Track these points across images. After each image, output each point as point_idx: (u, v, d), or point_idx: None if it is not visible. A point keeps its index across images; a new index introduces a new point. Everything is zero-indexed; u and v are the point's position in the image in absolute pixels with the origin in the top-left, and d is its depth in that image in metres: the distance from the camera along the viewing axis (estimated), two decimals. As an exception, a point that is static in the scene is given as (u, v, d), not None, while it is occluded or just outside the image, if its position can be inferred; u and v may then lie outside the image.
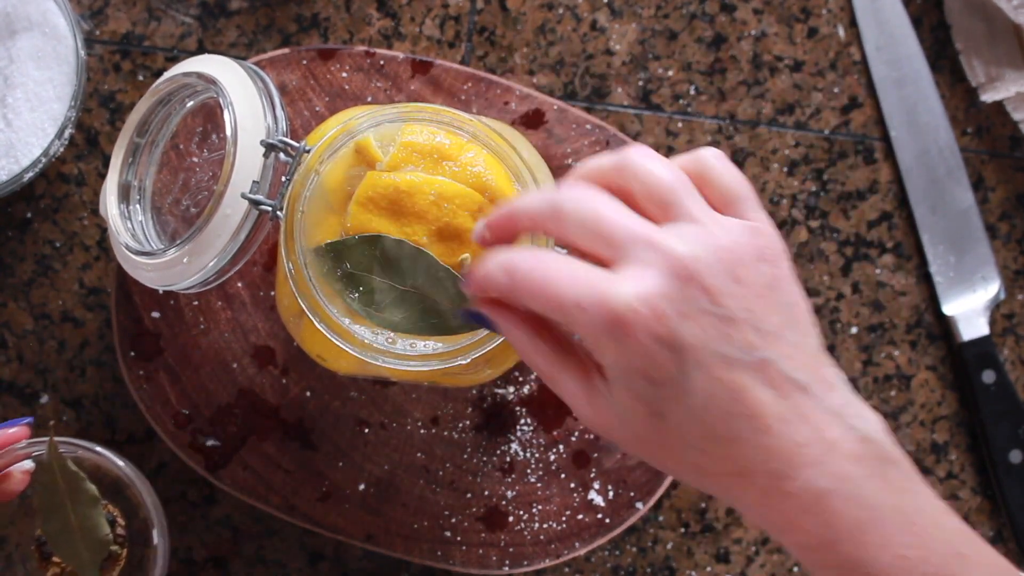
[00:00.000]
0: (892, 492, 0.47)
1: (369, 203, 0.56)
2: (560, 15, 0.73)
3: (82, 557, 0.59)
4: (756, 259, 0.47)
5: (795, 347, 0.47)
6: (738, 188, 0.49)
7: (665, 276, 0.45)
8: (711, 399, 0.46)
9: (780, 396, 0.46)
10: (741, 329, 0.46)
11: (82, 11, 0.72)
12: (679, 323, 0.45)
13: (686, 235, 0.46)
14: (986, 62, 0.73)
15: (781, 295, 0.47)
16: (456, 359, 0.55)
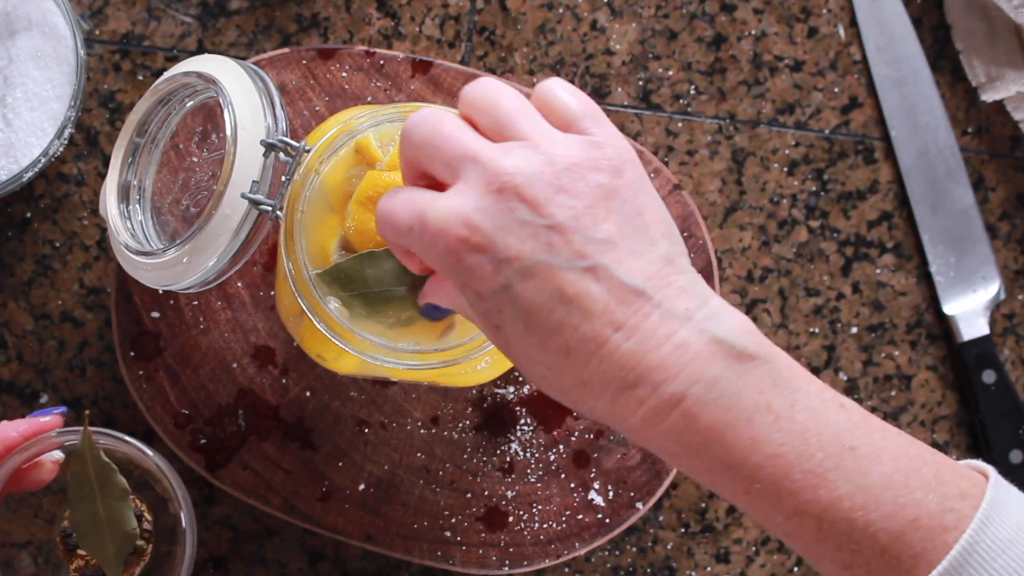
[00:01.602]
0: (757, 390, 0.45)
1: (369, 203, 0.56)
2: (560, 15, 0.73)
3: (107, 551, 0.59)
4: (589, 169, 0.46)
5: (634, 254, 0.46)
6: (577, 107, 0.49)
7: (483, 189, 0.46)
8: (539, 309, 0.46)
9: (614, 301, 0.45)
10: (568, 237, 0.45)
11: (82, 11, 0.72)
12: (495, 234, 0.45)
13: (512, 150, 0.46)
14: (986, 62, 0.73)
15: (619, 204, 0.47)
16: (456, 359, 0.55)
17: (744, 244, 0.73)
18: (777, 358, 0.47)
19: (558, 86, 0.49)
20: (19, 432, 0.54)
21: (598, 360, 0.46)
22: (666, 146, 0.73)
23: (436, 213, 0.46)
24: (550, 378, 0.47)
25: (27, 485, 0.56)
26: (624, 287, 0.45)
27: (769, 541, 0.73)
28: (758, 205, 0.73)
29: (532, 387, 0.71)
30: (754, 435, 0.45)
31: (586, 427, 0.71)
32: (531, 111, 0.48)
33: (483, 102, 0.48)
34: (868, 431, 0.46)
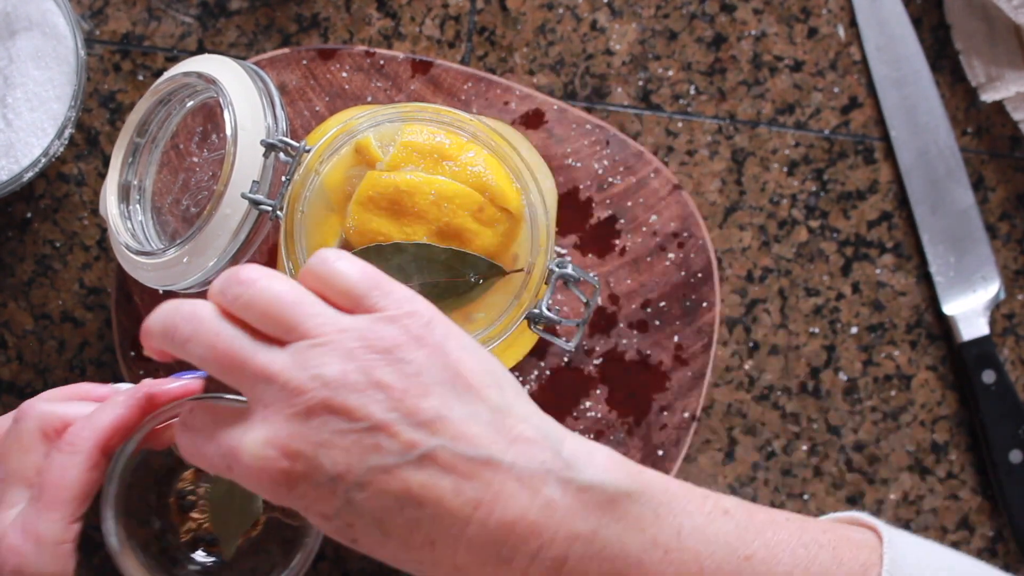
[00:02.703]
0: (639, 529, 0.44)
1: (369, 203, 0.56)
2: (560, 15, 0.73)
3: (230, 523, 0.59)
4: (393, 347, 0.44)
5: (468, 420, 0.43)
6: (359, 281, 0.45)
7: (289, 413, 0.43)
8: (387, 513, 0.43)
9: (463, 480, 0.43)
10: (392, 431, 0.43)
11: (82, 11, 0.72)
12: (318, 455, 0.43)
13: (306, 357, 0.43)
14: (986, 62, 0.73)
15: (435, 371, 0.44)
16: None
17: (744, 244, 0.73)
18: (651, 485, 0.45)
19: (332, 259, 0.46)
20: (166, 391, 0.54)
21: (466, 543, 0.43)
22: (666, 146, 0.73)
23: (249, 452, 0.43)
24: (426, 571, 0.45)
25: (156, 444, 0.56)
26: (469, 461, 0.43)
27: (769, 541, 0.73)
28: (758, 205, 0.73)
29: (532, 387, 0.71)
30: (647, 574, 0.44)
31: (586, 427, 0.71)
32: (309, 300, 0.45)
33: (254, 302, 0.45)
34: (759, 531, 0.45)
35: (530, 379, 0.71)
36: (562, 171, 0.70)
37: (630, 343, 0.70)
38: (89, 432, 0.51)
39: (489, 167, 0.56)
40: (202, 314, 0.45)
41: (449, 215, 0.55)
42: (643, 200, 0.71)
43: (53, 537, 0.50)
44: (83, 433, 0.51)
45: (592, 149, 0.71)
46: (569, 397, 0.71)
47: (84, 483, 0.50)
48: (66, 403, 0.53)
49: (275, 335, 0.45)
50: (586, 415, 0.71)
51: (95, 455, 0.51)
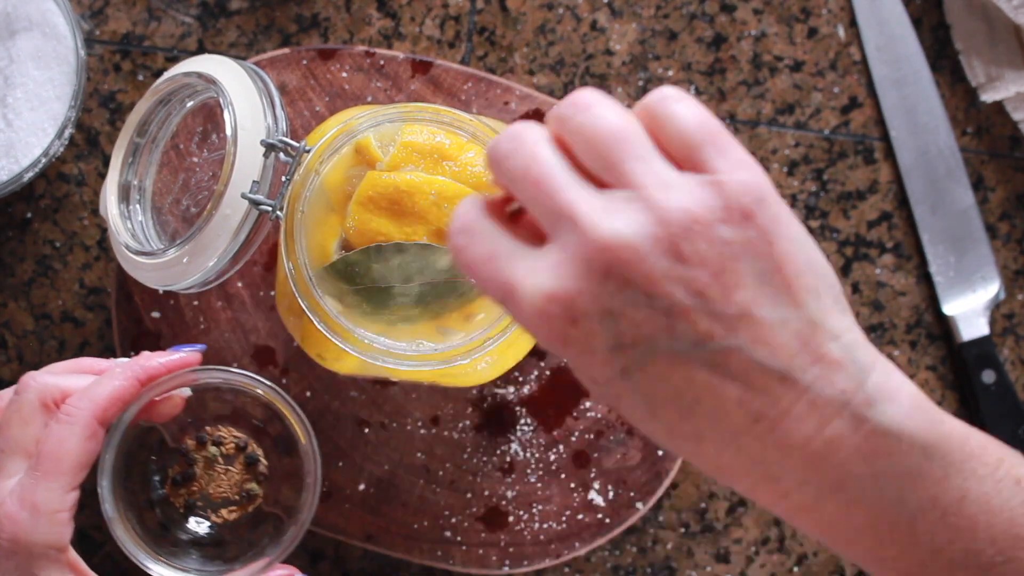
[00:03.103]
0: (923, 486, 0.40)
1: (369, 203, 0.56)
2: (560, 15, 0.73)
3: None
4: (712, 223, 0.38)
5: (775, 326, 0.38)
6: (696, 131, 0.40)
7: (584, 266, 0.38)
8: (661, 398, 0.39)
9: (752, 391, 0.39)
10: (690, 318, 0.38)
11: (82, 11, 0.72)
12: (604, 320, 0.38)
13: (618, 210, 0.38)
14: (986, 62, 0.73)
15: (754, 262, 0.38)
16: (456, 359, 0.55)
17: (744, 244, 0.73)
18: (948, 439, 0.40)
19: (672, 100, 0.40)
20: (162, 364, 0.55)
21: (735, 449, 0.40)
22: (666, 146, 0.73)
23: (531, 294, 0.38)
24: (683, 455, 0.41)
25: (155, 416, 0.57)
26: (764, 371, 0.38)
27: (769, 541, 0.73)
28: (758, 205, 0.73)
29: (532, 387, 0.71)
30: (915, 534, 0.40)
31: (586, 427, 0.71)
32: (639, 140, 0.40)
33: (583, 130, 0.40)
34: None
35: (530, 379, 0.71)
36: (562, 171, 0.70)
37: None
38: (87, 403, 0.52)
39: (489, 167, 0.56)
40: (527, 134, 0.40)
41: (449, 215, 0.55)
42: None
43: (49, 506, 0.50)
44: (81, 404, 0.52)
45: (592, 149, 0.71)
46: (569, 397, 0.71)
47: (81, 453, 0.51)
48: (66, 376, 0.54)
49: (597, 173, 0.40)
50: (586, 415, 0.71)
51: (92, 425, 0.51)
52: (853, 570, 0.74)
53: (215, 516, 0.61)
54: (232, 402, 0.62)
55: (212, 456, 0.61)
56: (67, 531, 0.51)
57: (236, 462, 0.62)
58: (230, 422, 0.62)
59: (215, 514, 0.61)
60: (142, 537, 0.56)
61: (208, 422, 0.62)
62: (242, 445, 0.62)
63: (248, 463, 0.62)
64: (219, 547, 0.60)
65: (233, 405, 0.62)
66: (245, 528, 0.62)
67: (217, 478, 0.62)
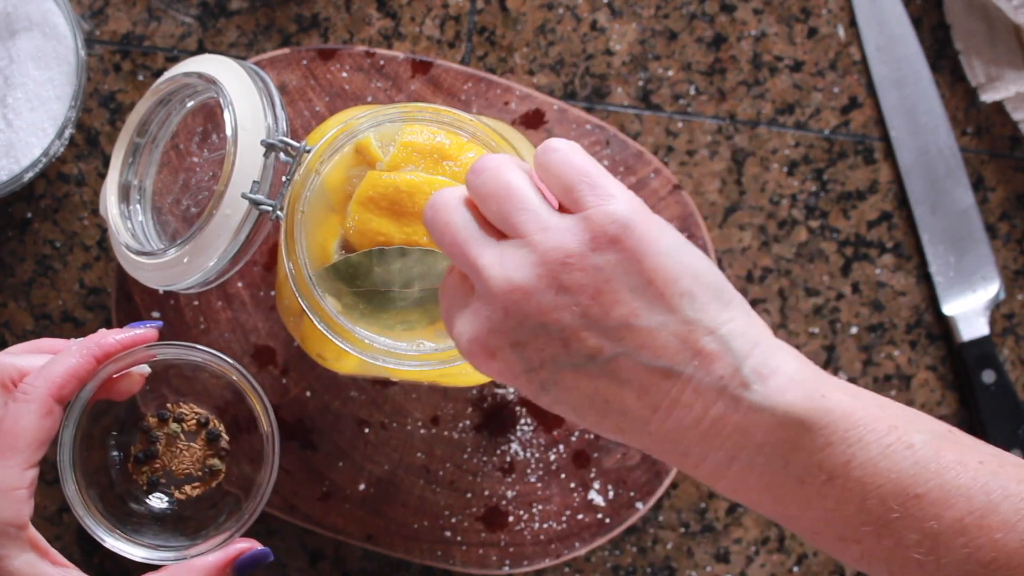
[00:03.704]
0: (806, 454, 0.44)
1: (369, 203, 0.56)
2: (560, 15, 0.73)
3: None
4: (586, 253, 0.45)
5: (654, 330, 0.45)
6: (569, 173, 0.47)
7: (489, 310, 0.46)
8: (579, 404, 0.47)
9: (643, 389, 0.45)
10: (579, 337, 0.45)
11: (82, 11, 0.72)
12: (512, 352, 0.46)
13: (508, 258, 0.46)
14: (986, 62, 0.73)
15: (626, 280, 0.45)
16: (456, 359, 0.55)
17: (744, 244, 0.73)
18: (829, 412, 0.44)
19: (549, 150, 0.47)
20: (118, 340, 0.55)
21: (647, 436, 0.46)
22: (666, 146, 0.73)
23: (460, 336, 0.48)
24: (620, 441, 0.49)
25: (114, 394, 0.57)
26: (650, 371, 0.45)
27: (769, 541, 0.73)
28: (758, 205, 0.73)
29: (532, 387, 0.71)
30: (806, 495, 0.45)
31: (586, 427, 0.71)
32: (525, 194, 0.47)
33: (483, 190, 0.48)
34: (938, 471, 0.44)
35: (530, 379, 0.71)
36: (562, 171, 0.70)
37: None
38: (42, 381, 0.52)
39: (489, 167, 0.56)
40: (448, 198, 0.48)
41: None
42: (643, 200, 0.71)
43: (7, 483, 0.51)
44: (36, 382, 0.52)
45: (592, 149, 0.71)
46: (569, 397, 0.71)
47: (38, 430, 0.51)
48: (24, 355, 0.54)
49: (498, 226, 0.47)
50: (586, 415, 0.71)
51: (48, 403, 0.52)
52: (853, 571, 0.74)
53: (178, 492, 0.62)
54: (192, 378, 0.62)
55: (174, 433, 0.62)
56: (26, 508, 0.51)
57: (198, 438, 0.62)
58: (191, 398, 0.62)
59: (178, 490, 0.62)
60: (103, 513, 0.56)
61: (169, 399, 0.62)
62: (203, 421, 0.62)
63: (210, 439, 0.62)
64: (181, 522, 0.61)
65: (193, 381, 0.62)
66: (207, 504, 0.62)
67: (179, 455, 0.62)
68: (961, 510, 0.43)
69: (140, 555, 0.56)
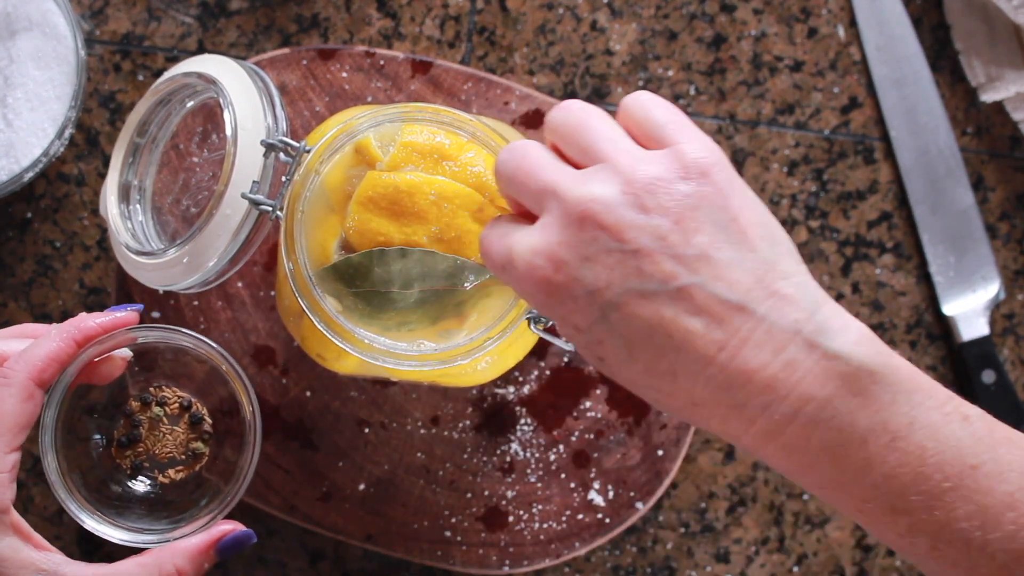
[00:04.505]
0: (873, 410, 0.43)
1: (369, 203, 0.56)
2: (560, 15, 0.73)
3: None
4: (672, 181, 0.45)
5: (731, 265, 0.44)
6: (658, 117, 0.47)
7: (564, 222, 0.45)
8: (637, 337, 0.45)
9: (713, 322, 0.44)
10: (654, 260, 0.44)
11: (82, 11, 0.72)
12: (581, 267, 0.45)
13: (590, 177, 0.45)
14: (986, 62, 0.73)
15: (709, 212, 0.45)
16: (456, 359, 0.55)
17: (744, 244, 0.73)
18: (896, 370, 0.44)
19: (643, 99, 0.48)
20: (98, 324, 0.55)
21: (705, 380, 0.44)
22: (666, 146, 0.73)
23: (521, 252, 0.46)
24: (662, 400, 0.46)
25: (96, 378, 0.57)
26: (723, 303, 0.44)
27: (769, 541, 0.73)
28: (758, 205, 0.73)
29: (532, 387, 0.71)
30: (868, 456, 0.44)
31: (586, 427, 0.71)
32: (612, 131, 0.47)
33: (565, 128, 0.48)
34: (992, 445, 0.44)
35: (530, 379, 0.71)
36: (562, 171, 0.70)
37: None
38: (22, 365, 0.52)
39: (489, 167, 0.56)
40: (522, 143, 0.48)
41: (449, 215, 0.55)
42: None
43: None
44: (16, 366, 0.52)
45: (592, 149, 0.71)
46: (569, 397, 0.71)
47: (18, 414, 0.51)
48: (4, 340, 0.54)
49: (578, 161, 0.47)
50: (586, 415, 0.71)
51: (29, 387, 0.52)
52: (853, 570, 0.74)
53: (162, 476, 0.62)
54: (174, 362, 0.62)
55: (156, 416, 0.61)
56: (8, 492, 0.51)
57: (181, 422, 0.62)
58: (174, 382, 0.62)
59: (161, 474, 0.61)
60: (86, 497, 0.56)
61: (152, 382, 0.62)
62: (186, 405, 0.62)
63: (193, 423, 0.62)
64: (164, 506, 0.60)
65: (176, 365, 0.62)
66: (190, 487, 0.62)
67: (163, 438, 0.62)
68: (1013, 484, 0.43)
69: (123, 538, 0.56)
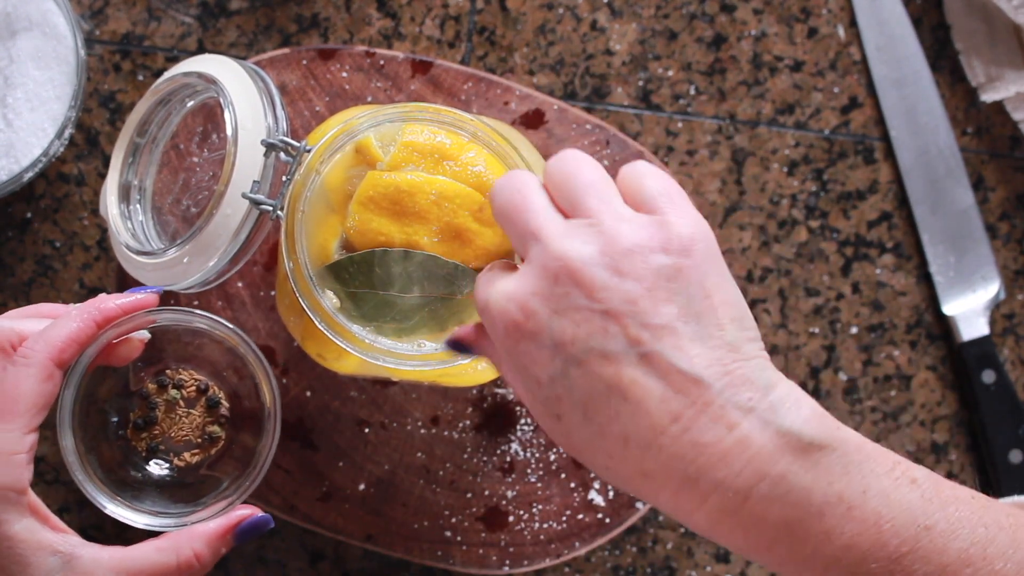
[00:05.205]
0: (827, 482, 0.44)
1: (370, 203, 0.56)
2: (560, 15, 0.73)
3: None
4: (653, 250, 0.45)
5: (695, 339, 0.45)
6: (652, 185, 0.48)
7: (541, 272, 0.46)
8: (594, 396, 0.45)
9: (670, 390, 0.44)
10: (622, 323, 0.45)
11: (82, 11, 0.72)
12: (550, 319, 0.45)
13: (574, 231, 0.46)
14: (986, 62, 0.73)
15: (684, 286, 0.45)
16: (456, 359, 0.55)
17: (744, 244, 0.73)
18: (846, 442, 0.45)
19: (640, 167, 0.49)
20: (119, 305, 0.54)
21: (656, 450, 0.45)
22: (666, 146, 0.73)
23: (496, 296, 0.47)
24: (612, 468, 0.46)
25: (113, 360, 0.56)
26: (682, 375, 0.44)
27: (769, 541, 0.73)
28: (758, 205, 0.73)
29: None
30: (826, 528, 0.44)
31: (586, 427, 0.71)
32: (604, 187, 0.48)
33: (560, 175, 0.48)
34: (942, 504, 0.45)
35: (530, 379, 0.71)
36: (562, 171, 0.70)
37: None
38: (42, 345, 0.52)
39: (490, 167, 0.56)
40: (519, 176, 0.49)
41: (450, 215, 0.55)
42: (643, 200, 0.71)
43: (7, 447, 0.50)
44: (36, 346, 0.52)
45: (592, 149, 0.71)
46: (569, 397, 0.71)
47: (38, 395, 0.51)
48: (24, 319, 0.54)
49: (567, 211, 0.48)
50: (586, 415, 0.71)
51: (49, 367, 0.51)
52: None
53: (177, 459, 0.61)
54: (192, 344, 0.61)
55: (173, 399, 0.61)
56: (26, 473, 0.51)
57: (198, 405, 0.62)
58: (191, 364, 0.62)
59: (177, 457, 0.61)
60: (103, 480, 0.56)
61: (169, 365, 0.62)
62: (203, 388, 0.61)
63: (210, 406, 0.61)
64: (181, 489, 0.60)
65: (193, 347, 0.61)
66: (207, 470, 0.61)
67: (179, 421, 0.61)
68: (965, 541, 0.44)
69: (141, 521, 0.55)
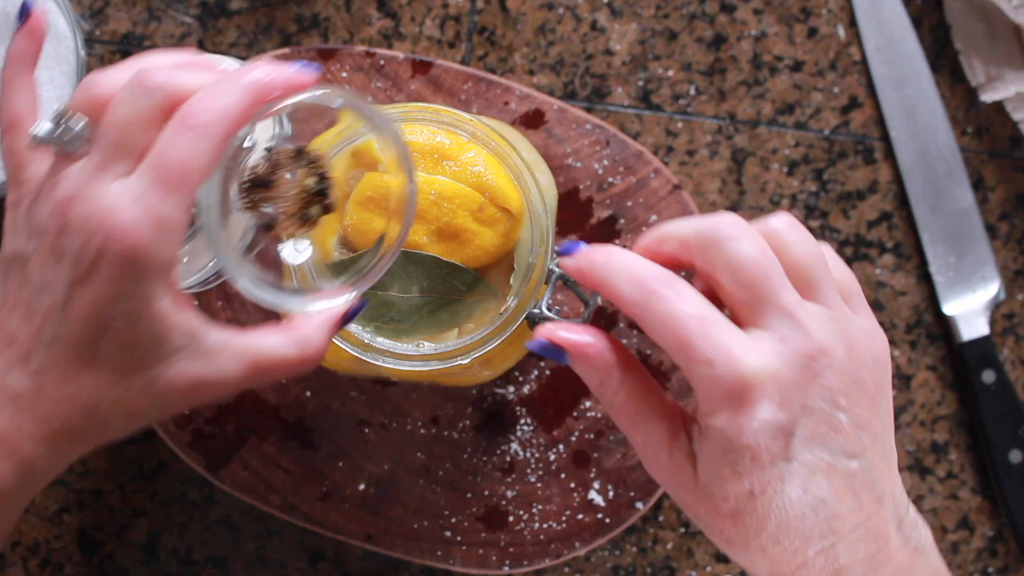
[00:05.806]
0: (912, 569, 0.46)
1: (369, 203, 0.56)
2: (560, 15, 0.73)
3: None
4: (873, 362, 0.46)
5: (884, 456, 0.46)
6: (850, 282, 0.48)
7: (798, 360, 0.44)
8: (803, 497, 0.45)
9: (858, 506, 0.45)
10: (848, 434, 0.45)
11: (82, 11, 0.72)
12: (799, 413, 0.44)
13: (821, 320, 0.45)
14: (986, 62, 0.73)
15: (884, 402, 0.47)
16: (456, 359, 0.55)
17: (744, 244, 0.73)
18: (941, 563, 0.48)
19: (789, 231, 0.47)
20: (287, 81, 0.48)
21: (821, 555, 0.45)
22: (666, 146, 0.73)
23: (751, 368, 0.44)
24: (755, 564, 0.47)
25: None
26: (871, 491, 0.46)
27: (769, 541, 0.73)
28: (758, 205, 0.73)
29: (532, 387, 0.71)
30: None
31: (586, 427, 0.71)
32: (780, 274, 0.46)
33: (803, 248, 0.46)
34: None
35: (530, 379, 0.71)
36: (562, 171, 0.70)
37: (630, 343, 0.70)
38: (223, 119, 0.46)
39: (489, 167, 0.56)
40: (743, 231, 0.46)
41: (449, 215, 0.55)
42: (643, 200, 0.71)
43: (177, 221, 0.46)
44: (211, 118, 0.46)
45: (592, 149, 0.71)
46: (569, 397, 0.71)
47: (208, 170, 0.46)
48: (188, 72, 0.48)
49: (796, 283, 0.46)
50: (586, 415, 0.71)
51: (223, 146, 0.46)
52: None
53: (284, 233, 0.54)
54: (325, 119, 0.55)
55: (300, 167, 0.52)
56: (178, 251, 0.47)
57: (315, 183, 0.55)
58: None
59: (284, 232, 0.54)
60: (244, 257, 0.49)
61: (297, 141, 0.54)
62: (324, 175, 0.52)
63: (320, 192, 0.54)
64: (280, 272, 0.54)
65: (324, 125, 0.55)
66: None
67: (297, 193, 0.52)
68: None
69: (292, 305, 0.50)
